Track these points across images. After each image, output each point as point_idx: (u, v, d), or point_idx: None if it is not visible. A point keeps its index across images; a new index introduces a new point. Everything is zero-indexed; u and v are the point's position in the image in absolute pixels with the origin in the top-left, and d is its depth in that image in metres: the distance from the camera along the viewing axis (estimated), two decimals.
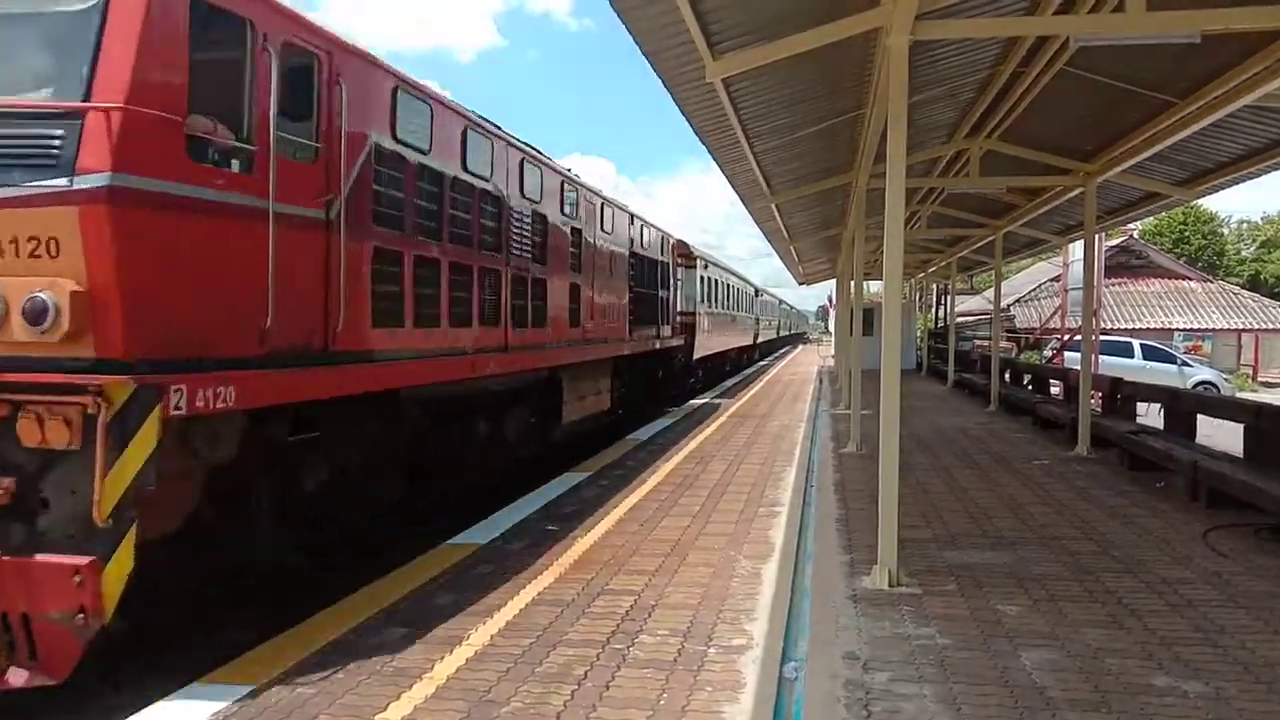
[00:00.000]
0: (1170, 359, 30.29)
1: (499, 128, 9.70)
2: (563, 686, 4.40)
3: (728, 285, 30.51)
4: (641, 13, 6.69)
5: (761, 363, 43.20)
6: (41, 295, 4.44)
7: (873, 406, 8.28)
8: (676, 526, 7.75)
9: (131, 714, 4.14)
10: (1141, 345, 30.21)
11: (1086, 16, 7.61)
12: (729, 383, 27.01)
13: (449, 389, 8.39)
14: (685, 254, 21.76)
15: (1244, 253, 66.13)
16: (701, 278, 23.88)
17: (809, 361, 41.98)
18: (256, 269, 5.44)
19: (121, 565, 4.40)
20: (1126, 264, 42.30)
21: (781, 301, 68.40)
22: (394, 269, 7.17)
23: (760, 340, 43.88)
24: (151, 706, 4.21)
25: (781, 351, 58.73)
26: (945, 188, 15.74)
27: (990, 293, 25.92)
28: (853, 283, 17.31)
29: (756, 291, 42.93)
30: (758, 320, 41.94)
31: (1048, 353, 31.76)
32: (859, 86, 9.76)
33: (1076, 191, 12.73)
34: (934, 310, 37.97)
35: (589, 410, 13.61)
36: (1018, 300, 39.84)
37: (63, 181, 4.48)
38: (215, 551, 5.68)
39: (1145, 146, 10.27)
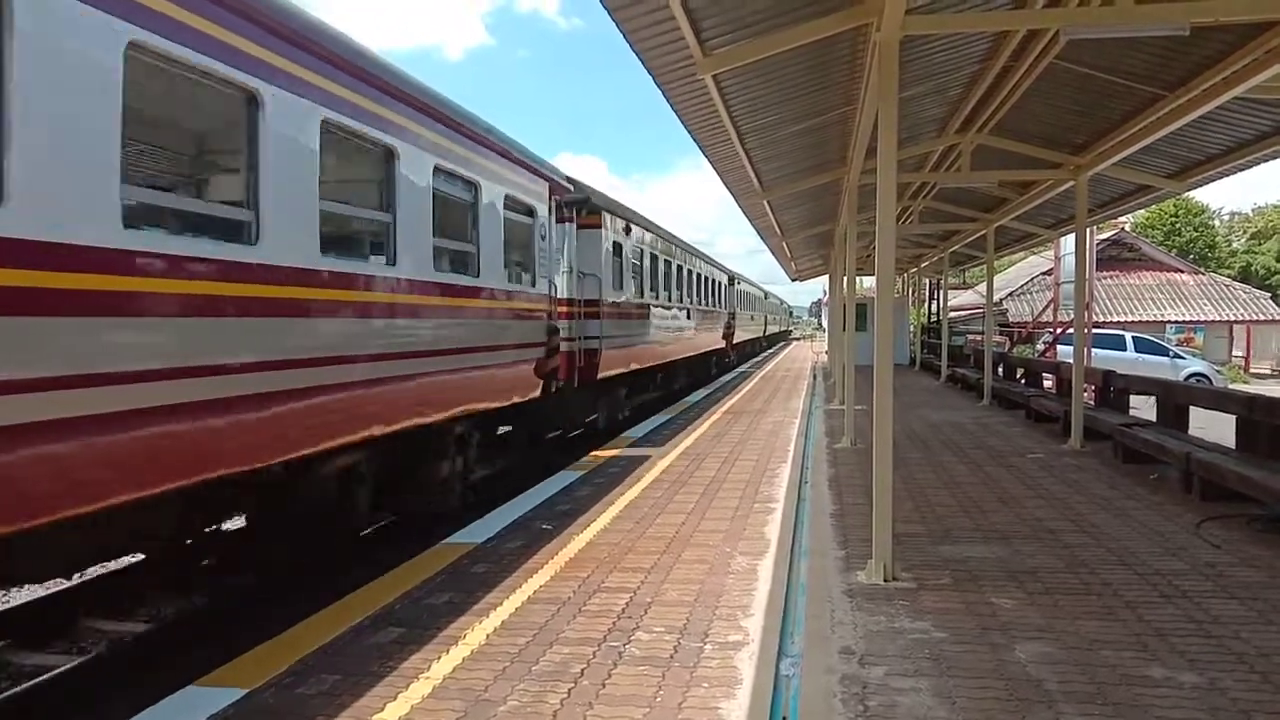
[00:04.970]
0: (1162, 351, 30.41)
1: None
2: (559, 685, 4.40)
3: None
4: (631, 10, 6.68)
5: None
6: None
7: (866, 402, 8.30)
8: (671, 523, 7.75)
9: (129, 717, 4.13)
10: (1134, 338, 30.34)
11: (1076, 9, 7.63)
12: (725, 378, 27.07)
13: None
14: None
15: (1235, 245, 66.39)
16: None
17: (802, 358, 42.02)
18: None
19: None
20: (1118, 257, 42.44)
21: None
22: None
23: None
24: (149, 709, 4.20)
25: (779, 344, 62.36)
26: (937, 182, 15.76)
27: (982, 287, 25.96)
28: (845, 278, 17.34)
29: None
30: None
31: (1040, 346, 31.84)
32: (850, 82, 9.76)
33: (1067, 185, 12.74)
34: (926, 305, 38.03)
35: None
36: (1010, 294, 39.93)
37: None
38: None
39: (1135, 139, 10.28)
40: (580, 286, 13.14)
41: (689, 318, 22.71)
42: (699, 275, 24.49)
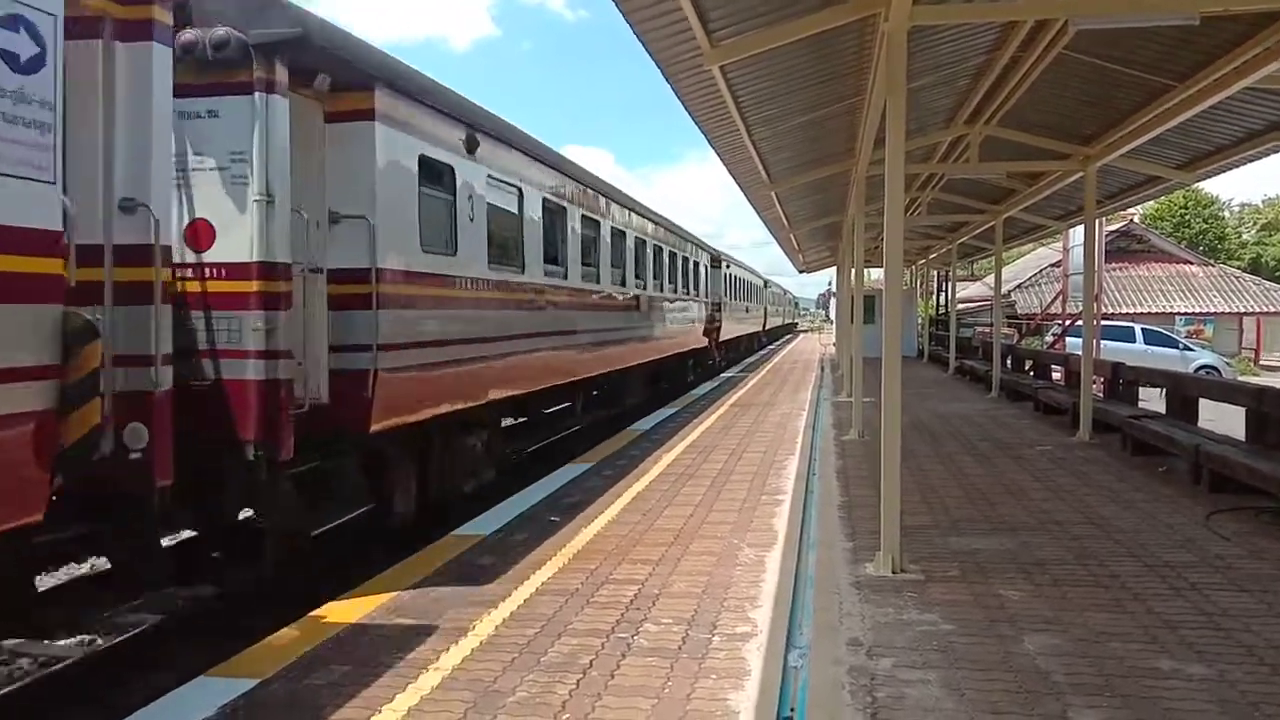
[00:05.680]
0: (1172, 343, 30.31)
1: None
2: (568, 676, 4.41)
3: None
4: (638, 1, 6.67)
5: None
6: None
7: (874, 394, 8.29)
8: (679, 515, 7.76)
9: (140, 708, 4.15)
10: (1143, 330, 30.24)
11: None
12: (729, 372, 27.05)
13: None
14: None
15: (1245, 236, 66.07)
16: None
17: (809, 350, 41.97)
18: None
19: None
20: (1127, 248, 42.29)
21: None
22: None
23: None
24: (159, 700, 4.23)
25: (784, 339, 60.49)
26: (945, 173, 15.72)
27: (991, 279, 25.89)
28: (853, 270, 17.29)
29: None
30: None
31: (1049, 338, 31.74)
32: (857, 72, 9.73)
33: (1076, 176, 12.70)
34: (935, 297, 37.95)
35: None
36: (1018, 286, 39.84)
37: None
38: None
39: (1144, 130, 10.23)
40: (316, 240, 6.68)
41: (641, 308, 16.70)
42: (661, 250, 18.66)
